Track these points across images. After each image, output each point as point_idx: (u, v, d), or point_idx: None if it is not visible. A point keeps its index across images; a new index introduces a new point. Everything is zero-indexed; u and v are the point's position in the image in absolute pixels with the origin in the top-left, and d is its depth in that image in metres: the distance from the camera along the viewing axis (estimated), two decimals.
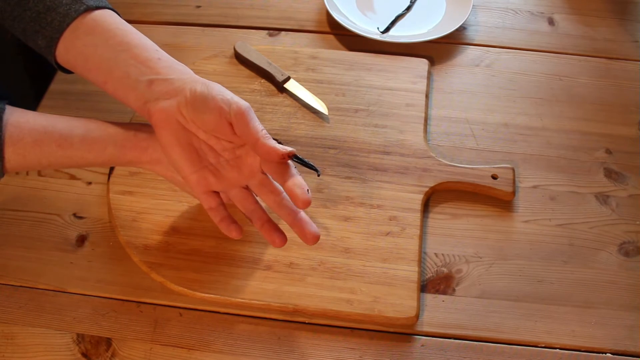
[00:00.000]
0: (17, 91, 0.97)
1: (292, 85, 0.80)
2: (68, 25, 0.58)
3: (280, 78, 0.81)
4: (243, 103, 0.54)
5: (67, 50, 0.60)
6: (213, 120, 0.54)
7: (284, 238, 0.57)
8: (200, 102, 0.54)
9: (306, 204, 0.53)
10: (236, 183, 0.58)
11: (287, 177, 0.54)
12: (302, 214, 0.56)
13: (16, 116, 0.56)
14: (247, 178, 0.58)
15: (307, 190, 0.53)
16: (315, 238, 0.55)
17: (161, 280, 0.64)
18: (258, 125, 0.54)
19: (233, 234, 0.58)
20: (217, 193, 0.59)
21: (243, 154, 0.57)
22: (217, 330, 0.62)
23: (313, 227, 0.55)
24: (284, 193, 0.57)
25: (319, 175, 0.70)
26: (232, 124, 0.54)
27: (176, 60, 0.59)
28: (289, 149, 0.53)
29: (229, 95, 0.54)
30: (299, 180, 0.53)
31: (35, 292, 0.65)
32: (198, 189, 0.57)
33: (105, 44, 0.58)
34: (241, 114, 0.53)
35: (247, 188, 0.59)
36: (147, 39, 0.60)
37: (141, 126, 0.60)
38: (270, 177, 0.57)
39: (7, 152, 0.55)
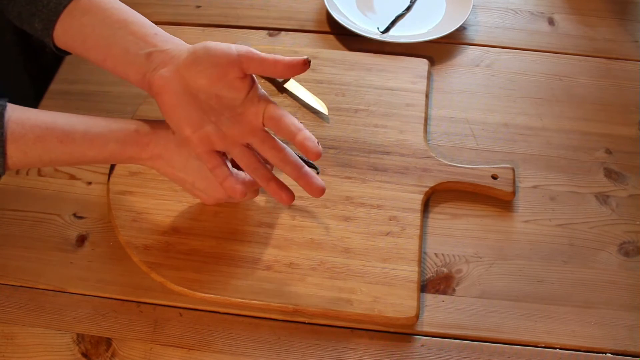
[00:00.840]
0: (17, 91, 0.97)
1: (292, 85, 0.80)
2: (65, 6, 0.59)
3: (280, 78, 0.81)
4: (244, 45, 0.55)
5: (64, 32, 0.60)
6: (218, 70, 0.54)
7: (291, 194, 0.57)
8: (203, 56, 0.54)
9: (318, 156, 0.54)
10: (238, 140, 0.58)
11: (295, 131, 0.54)
12: (307, 168, 0.57)
13: (18, 113, 0.56)
14: (249, 135, 0.57)
15: (317, 142, 0.54)
16: (322, 190, 0.56)
17: (161, 280, 0.64)
18: (269, 54, 0.54)
19: (238, 194, 0.58)
20: (219, 152, 0.58)
21: (244, 110, 0.56)
22: (217, 330, 0.62)
23: (319, 179, 0.56)
24: (287, 149, 0.57)
25: (317, 173, 0.70)
26: (242, 63, 0.54)
27: (172, 35, 0.60)
28: (304, 56, 0.54)
29: (228, 43, 0.55)
30: (308, 133, 0.54)
31: (35, 292, 0.65)
32: (200, 149, 0.57)
33: (102, 22, 0.59)
34: (249, 51, 0.54)
35: (249, 147, 0.58)
36: (143, 16, 0.61)
37: (142, 123, 0.61)
38: (272, 133, 0.58)
39: (9, 148, 0.55)
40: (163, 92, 0.56)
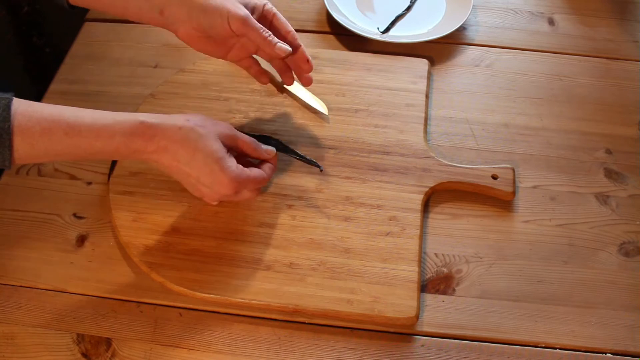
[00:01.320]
0: (17, 91, 0.98)
1: (292, 86, 0.80)
2: None
3: (280, 78, 0.80)
4: (240, 13, 0.63)
5: None
6: (224, 31, 0.64)
7: (292, 75, 0.72)
8: (207, 23, 0.64)
9: (284, 52, 0.66)
10: (256, 48, 0.70)
11: (288, 30, 0.68)
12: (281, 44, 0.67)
13: (24, 106, 0.56)
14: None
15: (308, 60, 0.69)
16: (285, 51, 0.66)
17: (161, 280, 0.64)
18: (260, 31, 0.64)
19: (264, 79, 0.74)
20: (249, 57, 0.71)
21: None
22: (217, 330, 0.62)
23: (284, 45, 0.66)
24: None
25: (321, 171, 0.70)
26: (236, 33, 0.64)
27: None
28: (289, 49, 0.65)
29: (227, 7, 0.63)
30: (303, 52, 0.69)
31: (35, 292, 0.65)
32: (235, 60, 0.71)
33: None
34: (240, 27, 0.63)
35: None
36: None
37: (148, 115, 0.61)
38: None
39: (15, 141, 0.55)
40: (188, 43, 0.67)
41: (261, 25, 0.65)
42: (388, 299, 0.62)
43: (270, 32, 0.65)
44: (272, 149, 0.67)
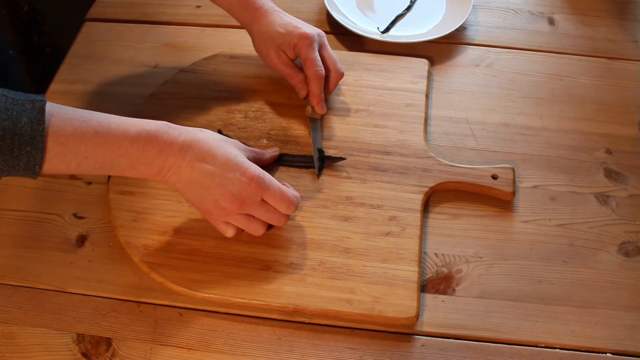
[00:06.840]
0: (17, 91, 0.98)
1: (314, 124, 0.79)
2: None
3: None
4: (301, 47, 0.75)
5: None
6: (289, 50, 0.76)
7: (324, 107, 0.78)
8: (284, 45, 0.76)
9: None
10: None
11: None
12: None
13: (57, 108, 0.57)
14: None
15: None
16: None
17: (161, 280, 0.64)
18: (314, 66, 0.74)
19: (304, 92, 0.77)
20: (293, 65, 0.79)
21: None
22: (217, 330, 0.62)
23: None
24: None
25: (345, 159, 0.72)
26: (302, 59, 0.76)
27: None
28: (323, 109, 0.76)
29: (289, 37, 0.75)
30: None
31: (35, 292, 0.65)
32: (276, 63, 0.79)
33: None
34: (300, 56, 0.75)
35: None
36: None
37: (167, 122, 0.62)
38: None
39: (48, 143, 0.55)
40: (264, 59, 0.79)
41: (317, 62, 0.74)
42: (388, 299, 0.62)
43: (321, 70, 0.75)
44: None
